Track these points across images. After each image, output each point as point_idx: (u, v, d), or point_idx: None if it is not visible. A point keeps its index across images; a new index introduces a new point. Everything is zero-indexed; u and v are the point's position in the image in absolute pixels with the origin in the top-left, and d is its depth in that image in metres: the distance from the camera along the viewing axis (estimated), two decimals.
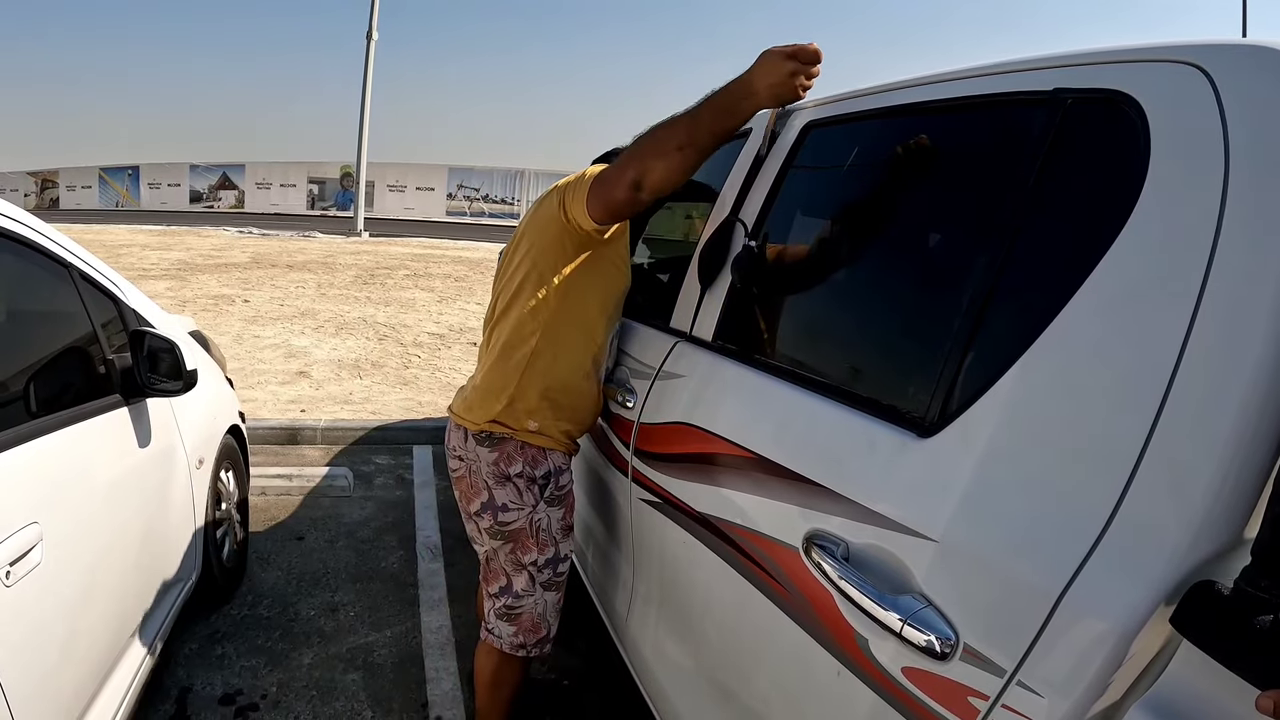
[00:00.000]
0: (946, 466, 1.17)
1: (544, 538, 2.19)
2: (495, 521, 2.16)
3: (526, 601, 2.20)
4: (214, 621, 3.28)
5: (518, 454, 2.16)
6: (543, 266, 2.11)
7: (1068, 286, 1.09)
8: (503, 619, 2.22)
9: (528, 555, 2.18)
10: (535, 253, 2.13)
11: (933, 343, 1.32)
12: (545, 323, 2.12)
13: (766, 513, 1.50)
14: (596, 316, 2.20)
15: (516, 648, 2.23)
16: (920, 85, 1.59)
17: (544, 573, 2.20)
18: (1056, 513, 1.02)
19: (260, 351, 8.02)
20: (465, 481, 2.22)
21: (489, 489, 2.16)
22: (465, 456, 2.20)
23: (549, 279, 2.11)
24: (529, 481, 2.16)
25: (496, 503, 2.16)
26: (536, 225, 2.16)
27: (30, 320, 2.19)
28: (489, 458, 2.15)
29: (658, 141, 1.88)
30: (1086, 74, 1.23)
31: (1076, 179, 1.19)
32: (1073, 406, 1.06)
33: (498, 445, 2.15)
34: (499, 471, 2.15)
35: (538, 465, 2.17)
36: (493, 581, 2.25)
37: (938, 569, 1.14)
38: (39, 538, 1.75)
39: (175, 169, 45.52)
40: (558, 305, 2.11)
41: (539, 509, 2.18)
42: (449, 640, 3.26)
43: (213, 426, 3.26)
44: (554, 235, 2.10)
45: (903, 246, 1.60)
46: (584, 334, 2.18)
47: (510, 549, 2.19)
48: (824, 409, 1.46)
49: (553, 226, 2.10)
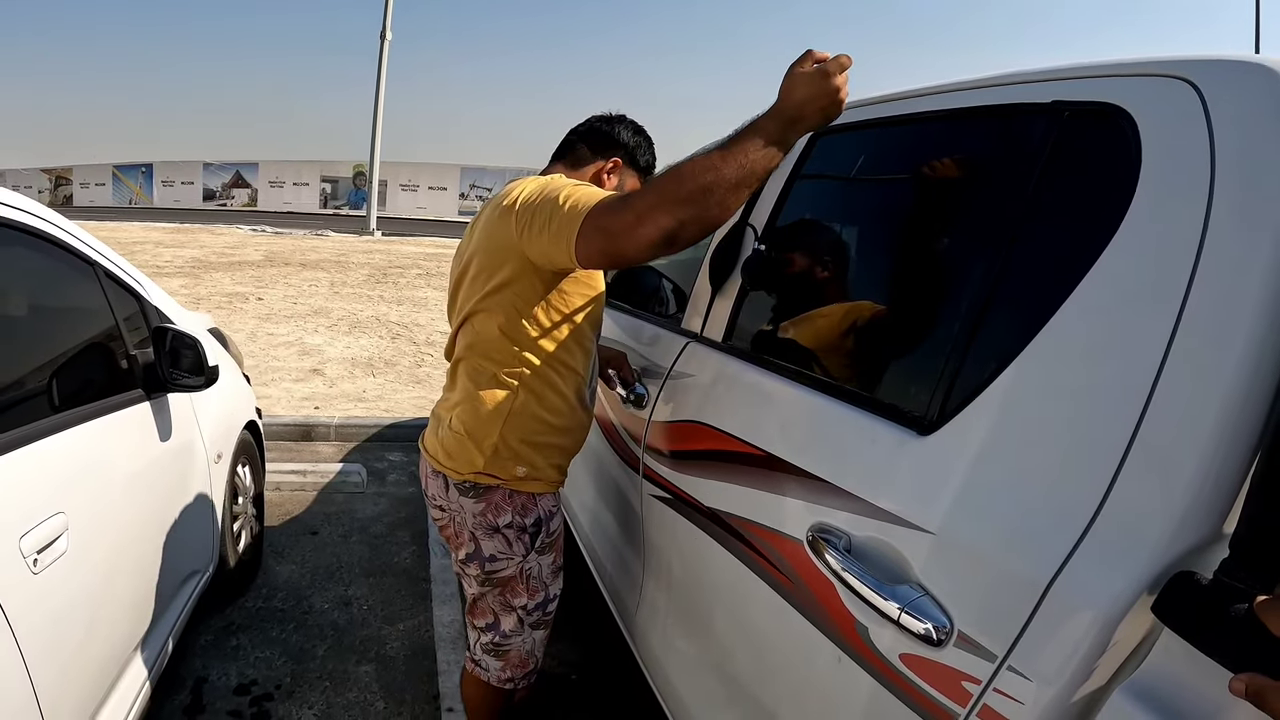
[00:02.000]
0: (944, 463, 1.22)
1: (534, 584, 2.07)
2: (483, 570, 2.04)
3: (514, 640, 2.11)
4: (229, 613, 3.35)
5: (505, 503, 1.99)
6: (507, 303, 1.89)
7: (1061, 291, 1.14)
8: (489, 654, 2.13)
9: (517, 599, 2.07)
10: (496, 283, 1.88)
11: (933, 344, 1.38)
12: (523, 366, 1.93)
13: (773, 507, 1.56)
14: (577, 349, 2.00)
15: (504, 681, 2.14)
16: (925, 95, 1.64)
17: (533, 615, 2.10)
18: (1046, 507, 1.07)
19: (274, 349, 8.10)
20: (449, 530, 2.07)
21: (475, 540, 2.02)
22: (447, 507, 2.04)
23: (519, 318, 1.90)
24: (519, 531, 2.01)
25: (484, 554, 2.02)
26: (492, 248, 1.89)
27: (57, 316, 2.26)
28: (474, 509, 1.99)
29: (699, 184, 1.50)
30: (1084, 87, 1.27)
31: (1072, 188, 1.24)
32: (1063, 406, 1.11)
33: (483, 496, 1.98)
34: (486, 523, 2.00)
35: (527, 514, 2.02)
36: (479, 617, 2.14)
37: (934, 560, 1.19)
38: (65, 527, 1.81)
39: (189, 167, 45.70)
40: (535, 345, 1.92)
41: (530, 558, 2.04)
42: (460, 634, 3.31)
43: (230, 422, 3.33)
44: (516, 267, 1.85)
45: (905, 251, 1.65)
46: (567, 370, 1.99)
47: (499, 592, 2.07)
48: (829, 407, 1.52)
49: (513, 265, 1.85)
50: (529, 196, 1.78)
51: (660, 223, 1.51)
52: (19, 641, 1.61)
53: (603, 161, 2.09)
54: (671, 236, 1.52)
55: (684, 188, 1.50)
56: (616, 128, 2.13)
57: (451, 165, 42.73)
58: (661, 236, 1.52)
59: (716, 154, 1.51)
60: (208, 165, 45.51)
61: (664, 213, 1.51)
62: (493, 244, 1.87)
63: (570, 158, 2.12)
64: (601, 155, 2.10)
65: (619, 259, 1.64)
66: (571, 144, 2.14)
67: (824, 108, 1.52)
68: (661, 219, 1.51)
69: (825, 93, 1.50)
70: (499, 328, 1.89)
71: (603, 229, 1.60)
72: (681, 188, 1.51)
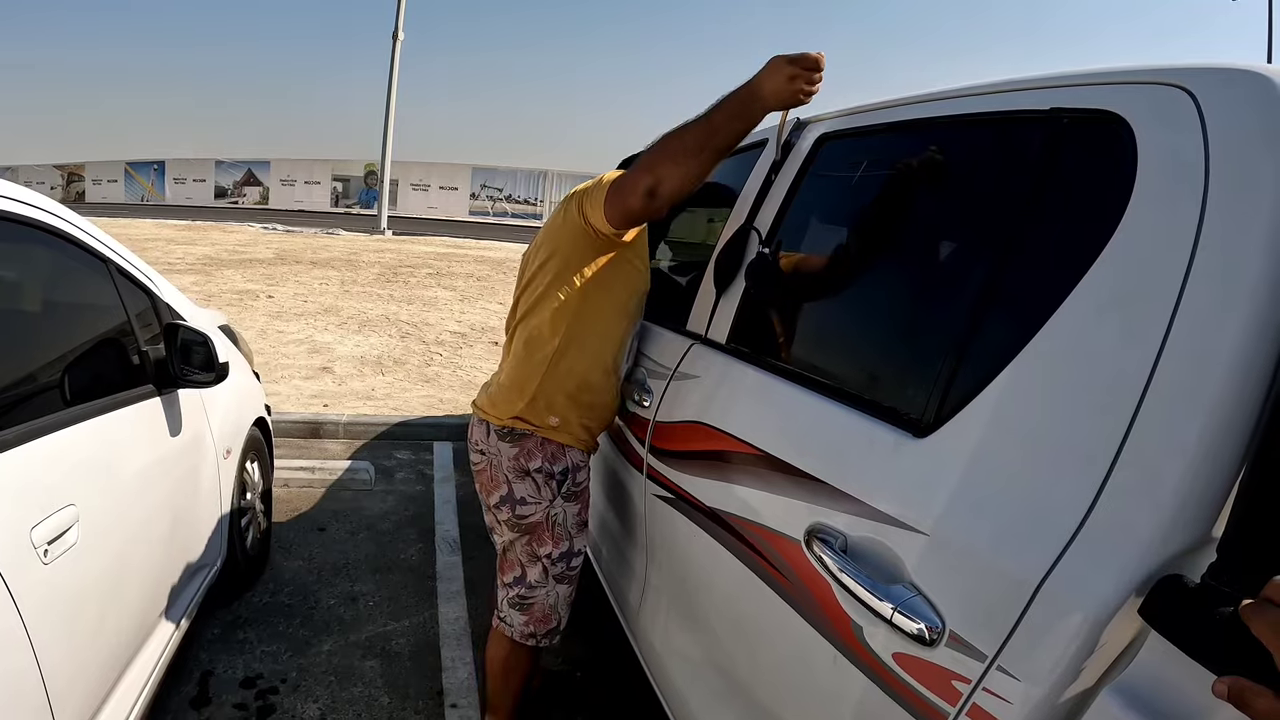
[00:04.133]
0: (939, 465, 1.24)
1: (559, 532, 2.26)
2: (513, 514, 2.24)
3: (539, 592, 2.28)
4: (236, 608, 3.37)
5: (537, 450, 2.22)
6: (563, 270, 2.16)
7: (1056, 296, 1.16)
8: (515, 607, 2.30)
9: (543, 548, 2.25)
10: (556, 257, 2.17)
11: (930, 348, 1.40)
12: (568, 324, 2.17)
13: (772, 507, 1.58)
14: (617, 317, 2.25)
15: (526, 636, 2.30)
16: (928, 101, 1.66)
17: (557, 565, 2.27)
18: (1037, 509, 1.09)
19: (284, 346, 8.14)
20: (486, 474, 2.28)
21: (508, 483, 2.23)
22: (487, 451, 2.27)
23: (570, 281, 2.15)
24: (547, 477, 2.23)
25: (515, 496, 2.22)
26: (556, 230, 2.20)
27: (70, 312, 2.29)
28: (510, 452, 2.22)
29: (671, 149, 1.91)
30: (1082, 94, 1.29)
31: (1069, 194, 1.26)
32: (1056, 410, 1.12)
33: (518, 441, 2.22)
34: (519, 466, 2.22)
35: (556, 461, 2.24)
36: (508, 571, 2.32)
37: (927, 561, 1.21)
38: (75, 519, 1.83)
39: (201, 164, 45.78)
40: (579, 307, 2.16)
41: (556, 503, 2.24)
42: (465, 631, 3.34)
43: (240, 418, 3.36)
44: (573, 239, 2.14)
45: (904, 256, 1.67)
46: (604, 334, 2.24)
47: (526, 541, 2.26)
48: (828, 409, 1.53)
49: (572, 231, 2.14)
50: (589, 184, 2.16)
51: (643, 180, 1.94)
52: (29, 631, 1.63)
53: None
54: (651, 190, 1.93)
55: (660, 151, 1.93)
56: None
57: (463, 165, 42.73)
58: (645, 190, 1.94)
59: (691, 122, 1.90)
60: (220, 163, 45.57)
61: (646, 171, 1.93)
62: (559, 224, 2.20)
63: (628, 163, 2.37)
64: None
65: (629, 211, 2.01)
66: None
67: (777, 93, 1.82)
68: (644, 177, 1.94)
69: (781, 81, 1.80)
70: (552, 292, 2.17)
71: (616, 188, 2.02)
72: (659, 151, 1.93)
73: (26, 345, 2.00)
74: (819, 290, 1.89)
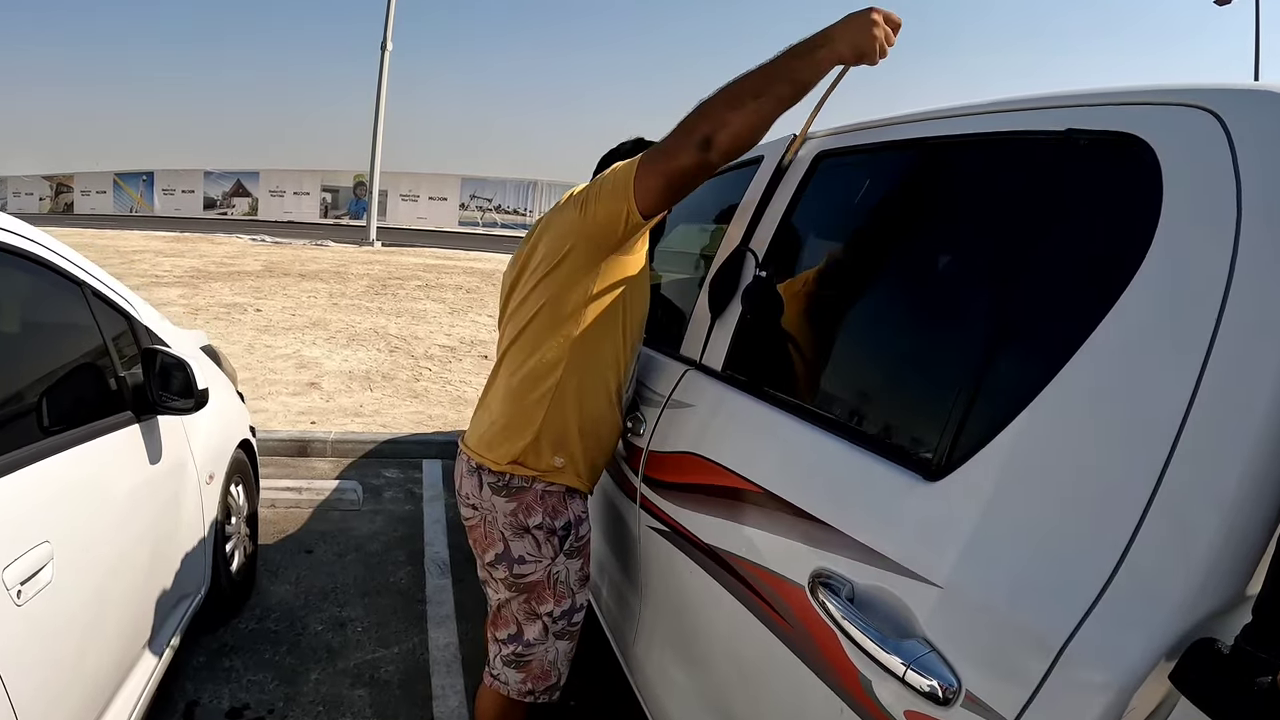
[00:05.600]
0: (953, 511, 1.18)
1: (561, 589, 2.07)
2: (510, 573, 2.05)
3: (538, 650, 2.09)
4: (222, 635, 3.30)
5: (537, 504, 2.02)
6: (562, 291, 1.97)
7: (1079, 333, 1.10)
8: (510, 665, 2.10)
9: (543, 606, 2.07)
10: (553, 276, 1.98)
11: (942, 384, 1.33)
12: (569, 352, 1.98)
13: (773, 548, 1.51)
14: (621, 342, 2.06)
15: (524, 694, 2.11)
16: (934, 119, 1.60)
17: (559, 623, 2.09)
18: (1061, 563, 1.02)
19: (272, 361, 8.06)
20: (479, 531, 2.09)
21: (505, 541, 2.04)
22: (479, 506, 2.06)
23: (570, 305, 1.97)
24: (548, 533, 2.03)
25: (513, 555, 2.03)
26: (553, 243, 1.99)
27: (43, 338, 2.21)
28: (506, 508, 2.02)
29: (727, 94, 1.69)
30: (1100, 115, 1.23)
31: (1088, 223, 1.20)
32: (1080, 456, 1.06)
33: (515, 495, 2.01)
34: (517, 523, 2.02)
35: (558, 516, 2.04)
36: (502, 628, 2.13)
37: (941, 614, 1.14)
38: (49, 556, 1.77)
39: (190, 175, 45.76)
40: (582, 334, 1.98)
41: (558, 561, 2.05)
42: (456, 658, 3.27)
43: (224, 442, 3.29)
44: (573, 254, 1.94)
45: (913, 284, 1.60)
46: (609, 361, 2.06)
47: (525, 599, 2.07)
48: (831, 446, 1.47)
49: (572, 242, 1.94)
50: (589, 184, 1.97)
51: (699, 129, 1.70)
52: (2, 676, 1.58)
53: None
54: (707, 140, 1.69)
55: (718, 98, 1.70)
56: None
57: (452, 175, 42.77)
58: (699, 140, 1.70)
59: (752, 70, 1.69)
60: (209, 173, 45.56)
61: (702, 120, 1.70)
62: (553, 232, 2.01)
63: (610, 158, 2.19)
64: None
65: (670, 173, 1.78)
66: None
67: (855, 40, 1.63)
68: (700, 125, 1.70)
69: (864, 28, 1.62)
70: (547, 313, 1.99)
71: (656, 153, 1.80)
72: (717, 98, 1.71)
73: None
74: (821, 317, 1.83)
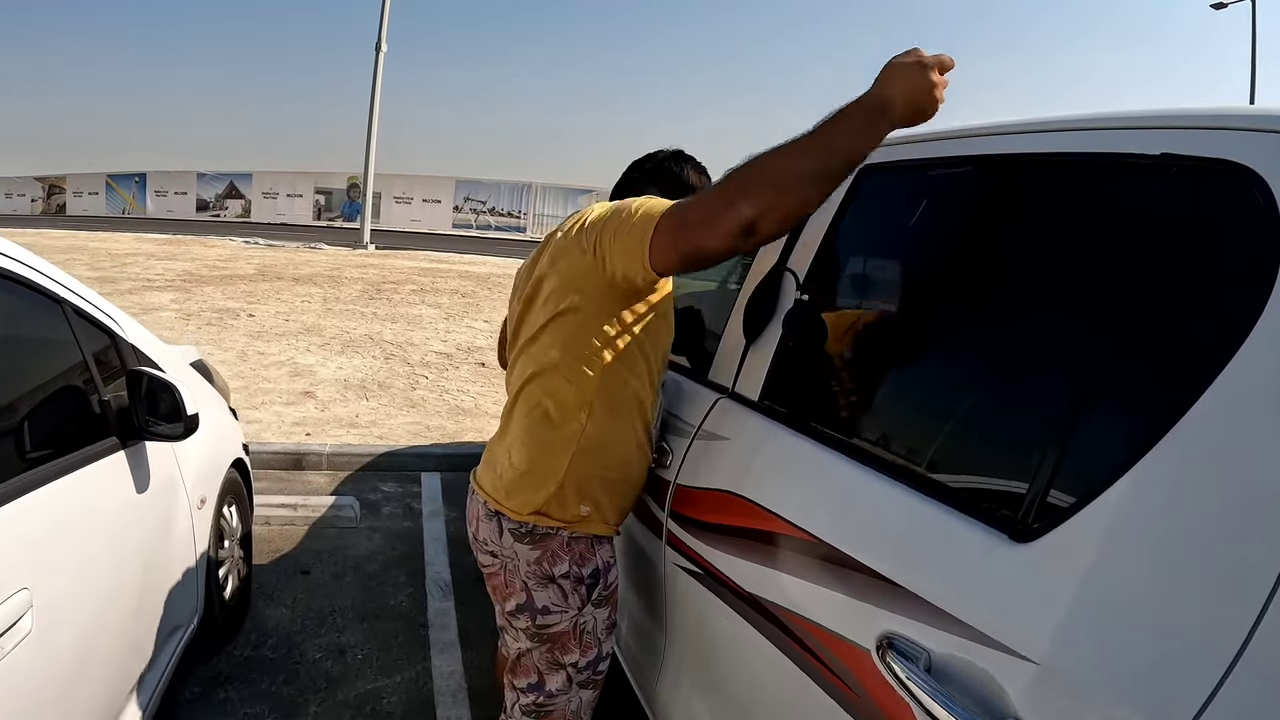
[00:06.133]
0: (1048, 578, 1.05)
1: (588, 640, 1.92)
2: (533, 624, 1.89)
3: (559, 700, 1.93)
4: (216, 663, 3.14)
5: (563, 551, 1.86)
6: (578, 332, 1.80)
7: (1197, 381, 0.97)
8: (529, 715, 1.95)
9: (568, 656, 1.91)
10: (566, 319, 1.81)
11: (1030, 430, 1.20)
12: (593, 394, 1.82)
13: (830, 605, 1.37)
14: (646, 379, 1.90)
15: None
16: (1000, 135, 1.47)
17: (584, 673, 1.94)
18: (1179, 642, 0.90)
19: (265, 369, 7.91)
20: (499, 579, 1.93)
21: (528, 590, 1.88)
22: (500, 553, 1.90)
23: (589, 345, 1.80)
24: (576, 582, 1.87)
25: (536, 605, 1.87)
26: (564, 284, 1.82)
27: (19, 363, 2.05)
28: (529, 556, 1.86)
29: (778, 174, 1.46)
30: (1198, 139, 1.10)
31: (1198, 256, 1.07)
32: (1202, 518, 0.93)
33: (540, 542, 1.85)
34: (541, 572, 1.86)
35: (585, 563, 1.88)
36: (522, 675, 1.97)
37: (1037, 694, 1.01)
38: (29, 604, 1.63)
39: (182, 177, 45.71)
40: (605, 372, 1.81)
41: (585, 611, 1.89)
42: (461, 687, 3.13)
43: (216, 463, 3.14)
44: (591, 291, 1.77)
45: (987, 315, 1.45)
46: (635, 402, 1.89)
47: (548, 649, 1.91)
48: (895, 495, 1.33)
49: (585, 279, 1.77)
50: (602, 214, 1.77)
51: (740, 212, 1.45)
52: None
53: None
54: (750, 226, 1.46)
55: (763, 177, 1.46)
56: (685, 168, 2.11)
57: (446, 178, 42.74)
58: (739, 227, 1.46)
59: (799, 142, 1.46)
60: (201, 175, 45.50)
61: (744, 201, 1.45)
62: (564, 267, 1.81)
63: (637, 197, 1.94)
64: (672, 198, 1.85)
65: (695, 253, 1.57)
66: (638, 183, 2.10)
67: (915, 100, 1.43)
68: (742, 208, 1.45)
69: (920, 86, 1.42)
70: (568, 353, 1.81)
71: (680, 220, 1.57)
72: (761, 177, 1.47)
73: None
74: (878, 348, 1.69)
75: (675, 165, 2.12)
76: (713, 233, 1.50)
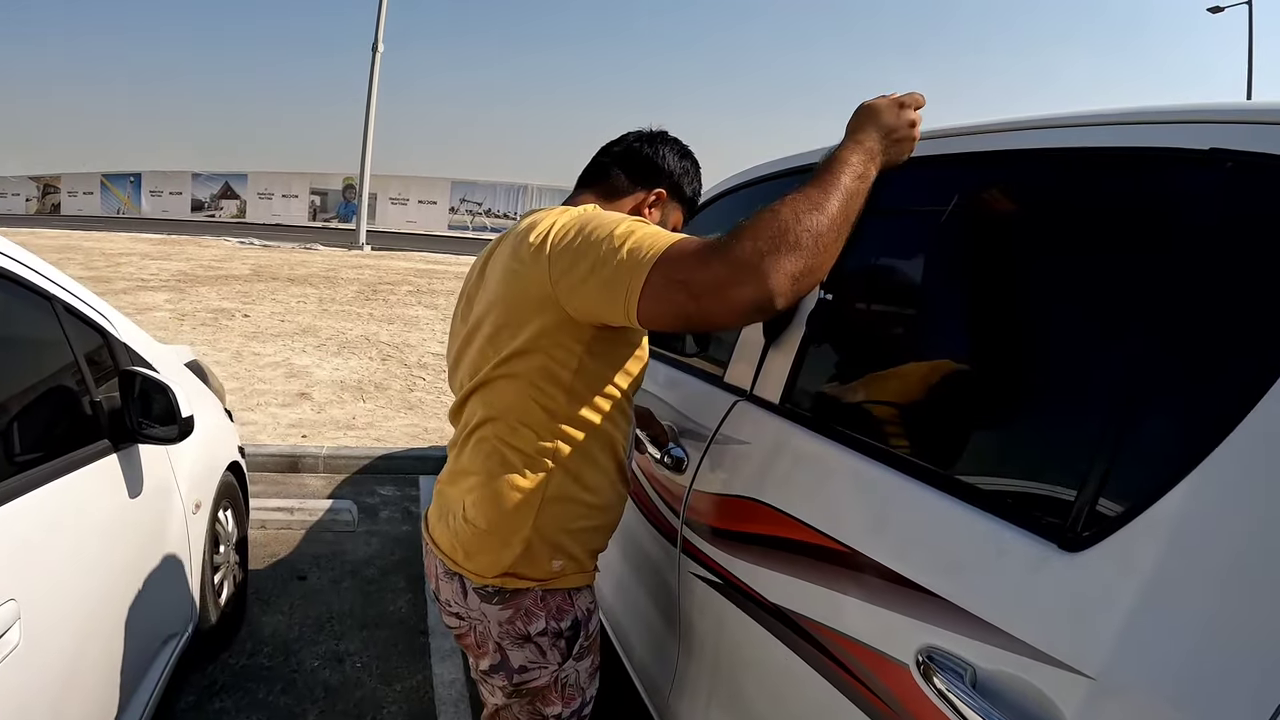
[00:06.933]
0: (1103, 590, 0.98)
1: (570, 691, 1.71)
2: (510, 683, 1.67)
3: None
4: (211, 672, 3.08)
5: (537, 608, 1.63)
6: (537, 366, 1.54)
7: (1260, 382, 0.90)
8: None
9: (550, 709, 1.70)
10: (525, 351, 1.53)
11: (1079, 435, 1.12)
12: (557, 441, 1.58)
13: (865, 617, 1.30)
14: (619, 417, 1.68)
15: None
16: (1035, 129, 1.40)
17: None
18: (1246, 656, 0.84)
19: (260, 370, 7.84)
20: (469, 640, 1.70)
21: (502, 651, 1.65)
22: (466, 615, 1.66)
23: (551, 384, 1.55)
24: (555, 637, 1.65)
25: (512, 665, 1.65)
26: (515, 304, 1.54)
27: (5, 362, 1.96)
28: (500, 616, 1.62)
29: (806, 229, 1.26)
30: (1250, 135, 1.04)
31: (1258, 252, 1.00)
32: (1262, 526, 0.87)
33: (511, 600, 1.62)
34: (515, 631, 1.63)
35: (563, 617, 1.66)
36: None
37: (1095, 711, 0.94)
38: (16, 616, 1.56)
39: (178, 177, 45.69)
40: (570, 418, 1.58)
41: (565, 665, 1.68)
42: (463, 696, 3.06)
43: (211, 465, 3.08)
44: (548, 326, 1.50)
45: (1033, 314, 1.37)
46: (606, 440, 1.66)
47: (528, 702, 1.70)
48: (934, 502, 1.26)
49: (541, 311, 1.50)
50: (564, 233, 1.46)
51: (767, 280, 1.22)
52: None
53: (644, 193, 1.75)
54: (778, 294, 1.24)
55: (791, 231, 1.25)
56: (661, 150, 1.79)
57: (442, 179, 42.74)
58: (765, 297, 1.24)
59: (813, 190, 1.31)
60: (196, 175, 45.48)
61: (772, 264, 1.22)
62: (515, 292, 1.53)
63: (603, 186, 1.77)
64: (643, 185, 1.76)
65: (701, 323, 1.37)
66: (605, 168, 1.79)
67: (899, 141, 1.46)
68: (770, 273, 1.22)
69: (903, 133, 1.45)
70: (527, 396, 1.55)
71: (683, 284, 1.29)
72: (788, 232, 1.25)
73: None
74: (910, 348, 1.62)
75: (649, 147, 1.79)
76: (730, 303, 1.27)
